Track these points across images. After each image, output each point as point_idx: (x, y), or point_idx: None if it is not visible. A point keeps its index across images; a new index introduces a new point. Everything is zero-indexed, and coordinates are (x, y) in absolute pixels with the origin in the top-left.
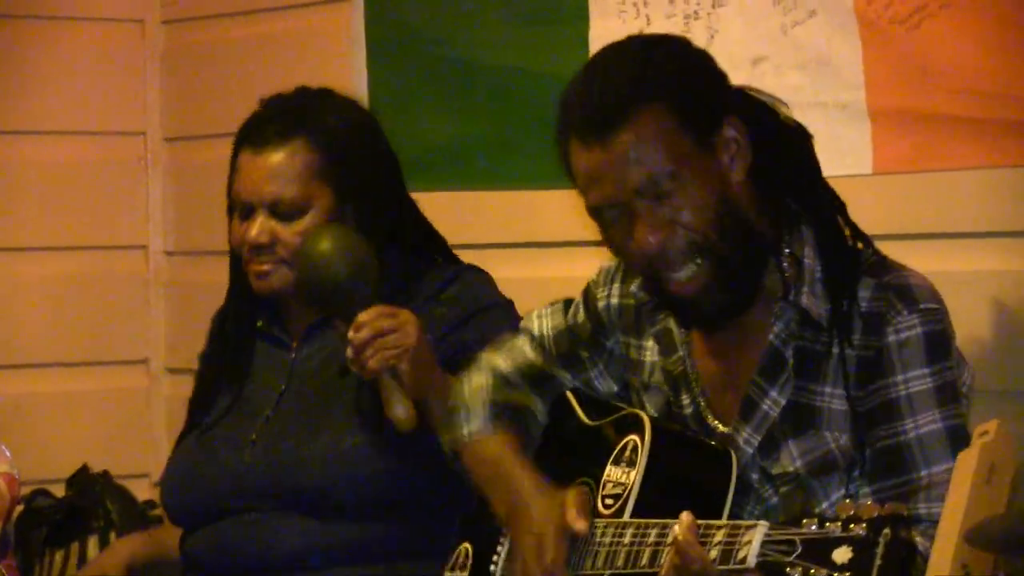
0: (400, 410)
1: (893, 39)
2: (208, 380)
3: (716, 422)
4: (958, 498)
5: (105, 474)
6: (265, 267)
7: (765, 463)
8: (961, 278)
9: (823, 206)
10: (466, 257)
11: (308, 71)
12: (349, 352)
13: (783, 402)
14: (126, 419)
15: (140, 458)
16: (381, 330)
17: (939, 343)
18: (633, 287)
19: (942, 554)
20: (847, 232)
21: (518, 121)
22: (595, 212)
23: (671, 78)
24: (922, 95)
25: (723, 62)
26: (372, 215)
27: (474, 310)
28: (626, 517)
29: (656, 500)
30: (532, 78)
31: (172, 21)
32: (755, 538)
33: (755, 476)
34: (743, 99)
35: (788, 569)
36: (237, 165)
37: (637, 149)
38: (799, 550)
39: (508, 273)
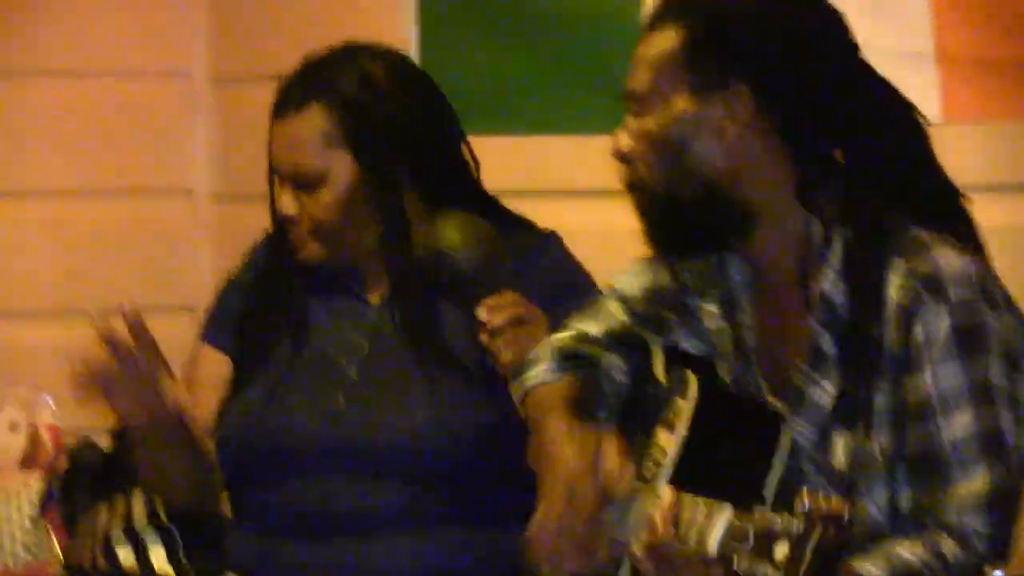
0: None
1: None
2: (258, 327)
3: (771, 396)
4: None
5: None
6: (300, 240)
7: (816, 455)
8: None
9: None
10: (517, 204)
11: (359, 11)
12: (483, 337)
13: (834, 392)
14: (175, 368)
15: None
16: (519, 317)
17: (974, 336)
18: None
19: None
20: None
21: (573, 65)
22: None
23: (703, 13)
24: (995, 40)
25: None
26: (419, 180)
27: (566, 291)
28: (660, 483)
29: (696, 468)
30: (589, 21)
31: None
32: (718, 525)
33: (810, 468)
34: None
35: (736, 561)
36: (270, 132)
37: (650, 53)
38: (751, 543)
39: (566, 223)
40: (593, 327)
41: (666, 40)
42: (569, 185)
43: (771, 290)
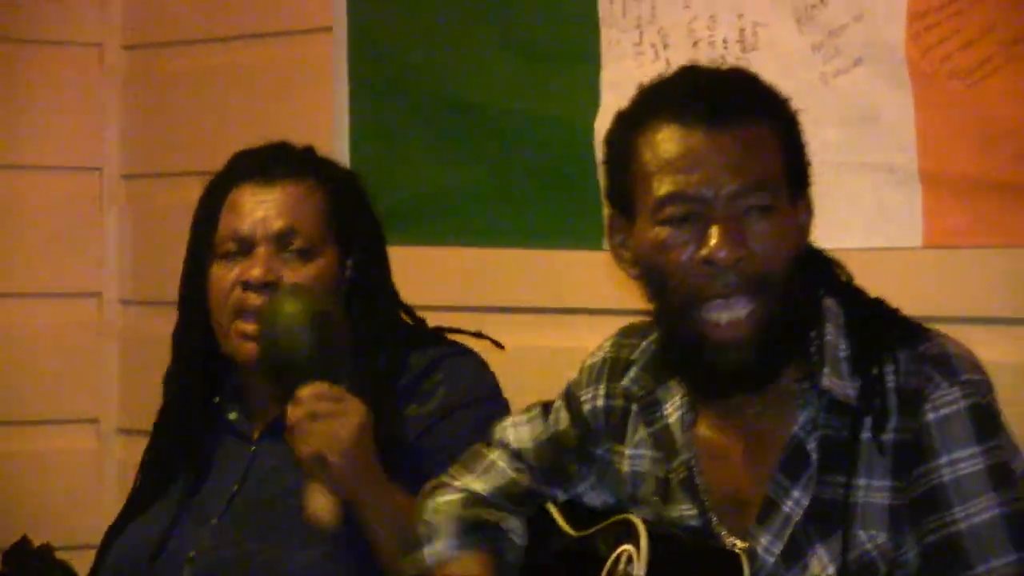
0: (318, 504)
1: (950, 96)
2: (164, 459)
3: (732, 537)
4: None
5: (46, 548)
6: (248, 325)
7: (789, 574)
8: (1022, 369)
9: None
10: (458, 321)
11: (284, 106)
12: (287, 438)
13: (806, 502)
14: (73, 484)
15: (87, 528)
16: (316, 412)
17: (987, 417)
18: (625, 381)
19: None
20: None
21: (519, 171)
22: (663, 203)
23: (792, 118)
24: (982, 160)
25: None
26: (365, 277)
27: (456, 405)
28: None
29: None
30: (536, 123)
31: (134, 46)
32: None
33: None
34: None
35: None
36: (228, 203)
37: (757, 149)
38: None
39: (505, 341)
40: (479, 485)
41: (765, 138)
42: (513, 302)
43: (739, 423)
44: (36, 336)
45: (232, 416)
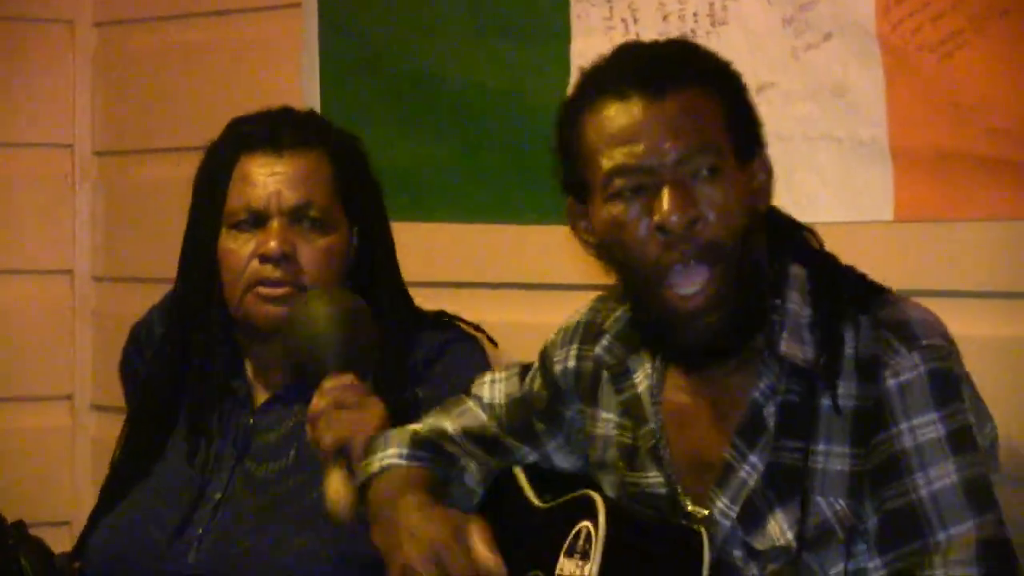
0: (340, 492)
1: (920, 69)
2: (147, 432)
3: (695, 507)
4: None
5: (19, 524)
6: (280, 291)
7: (748, 538)
8: (993, 343)
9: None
10: (424, 296)
11: (254, 83)
12: (307, 425)
13: (762, 467)
14: (47, 461)
15: (61, 505)
16: (341, 402)
17: (948, 382)
18: (598, 349)
19: None
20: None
21: (488, 146)
22: (611, 178)
23: (733, 81)
24: (952, 134)
25: None
26: (372, 249)
27: (461, 392)
28: None
29: None
30: (505, 99)
31: (105, 23)
32: None
33: (738, 554)
34: None
35: None
36: (237, 172)
37: (697, 114)
38: None
39: (471, 316)
40: (448, 423)
41: (707, 102)
42: (482, 277)
43: (702, 385)
44: (9, 313)
45: (235, 384)
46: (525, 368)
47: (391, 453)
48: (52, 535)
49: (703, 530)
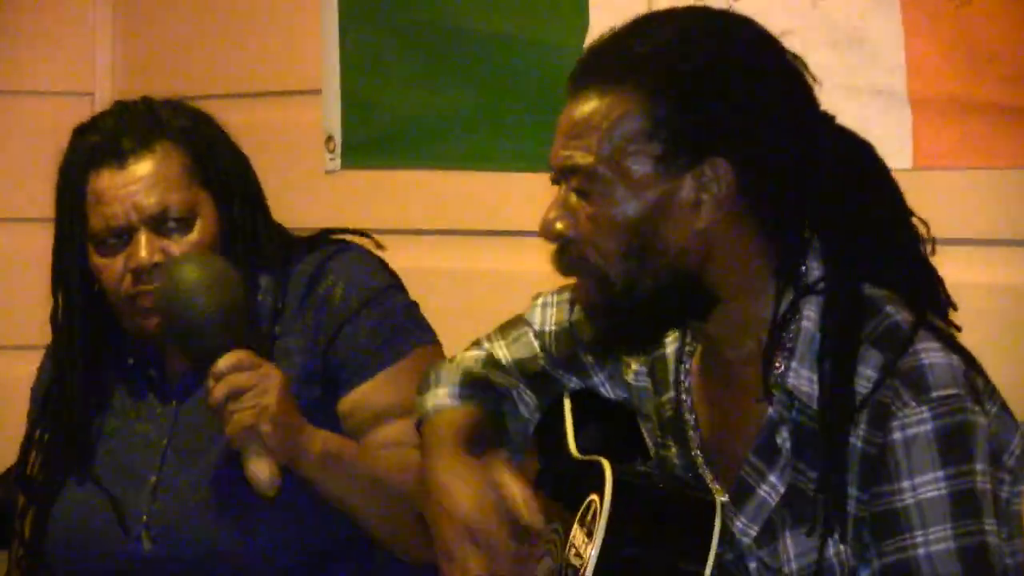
0: (261, 472)
1: (940, 16)
2: (53, 455)
3: (714, 484)
4: None
5: None
6: (146, 303)
7: (762, 552)
8: (1013, 291)
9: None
10: (442, 245)
11: (274, 31)
12: (208, 410)
13: (783, 489)
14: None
15: None
16: (238, 387)
17: (957, 439)
18: None
19: None
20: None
21: (505, 95)
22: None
23: (670, 77)
24: (971, 82)
25: None
26: (246, 218)
27: (356, 306)
28: None
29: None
30: (522, 47)
31: None
32: None
33: (753, 566)
34: (819, 133)
35: None
36: (90, 193)
37: (596, 119)
38: None
39: (490, 264)
40: (502, 352)
41: (622, 103)
42: (499, 225)
43: (723, 370)
44: (32, 261)
45: (151, 374)
46: (572, 295)
47: (441, 394)
48: None
49: (717, 500)
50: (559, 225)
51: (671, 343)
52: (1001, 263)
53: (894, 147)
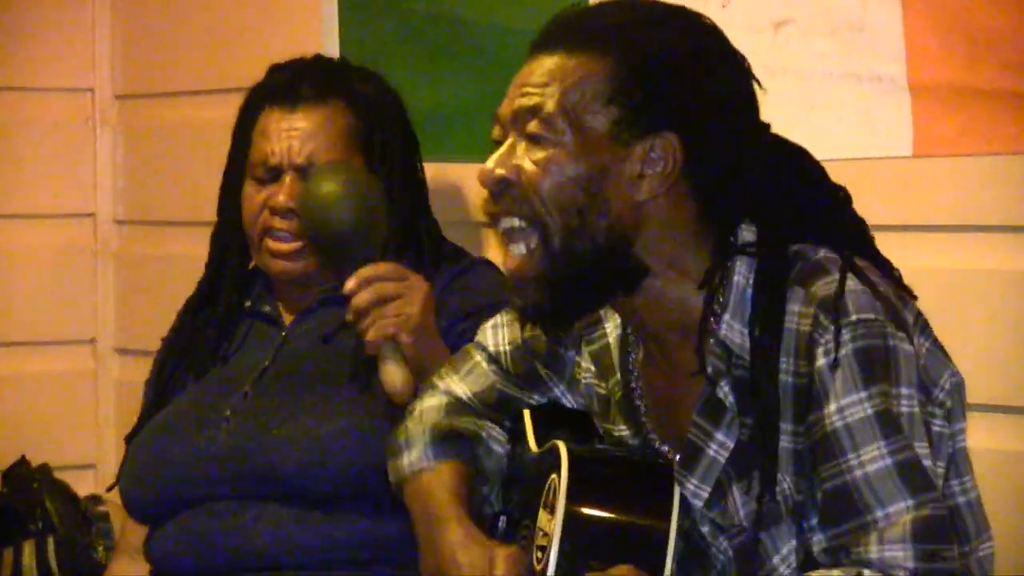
0: (396, 379)
1: (939, 3)
2: (174, 366)
3: (671, 451)
4: None
5: (44, 468)
6: (287, 246)
7: (714, 513)
8: (1012, 277)
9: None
10: (452, 236)
11: (274, 22)
12: (349, 316)
13: (732, 444)
14: (71, 405)
15: (85, 448)
16: (384, 295)
17: (879, 360)
18: None
19: None
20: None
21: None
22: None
23: (638, 49)
24: (971, 68)
25: (742, 25)
26: (398, 191)
27: (482, 305)
28: (549, 573)
29: (583, 551)
30: (527, 38)
31: None
32: None
33: (706, 529)
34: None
35: None
36: (259, 125)
37: (560, 74)
38: None
39: (492, 256)
40: (461, 388)
41: (587, 65)
42: None
43: (659, 343)
44: (32, 257)
45: (266, 308)
46: None
47: (416, 456)
48: (76, 478)
49: (672, 460)
50: (500, 170)
51: (612, 331)
52: (1002, 250)
53: (894, 134)
